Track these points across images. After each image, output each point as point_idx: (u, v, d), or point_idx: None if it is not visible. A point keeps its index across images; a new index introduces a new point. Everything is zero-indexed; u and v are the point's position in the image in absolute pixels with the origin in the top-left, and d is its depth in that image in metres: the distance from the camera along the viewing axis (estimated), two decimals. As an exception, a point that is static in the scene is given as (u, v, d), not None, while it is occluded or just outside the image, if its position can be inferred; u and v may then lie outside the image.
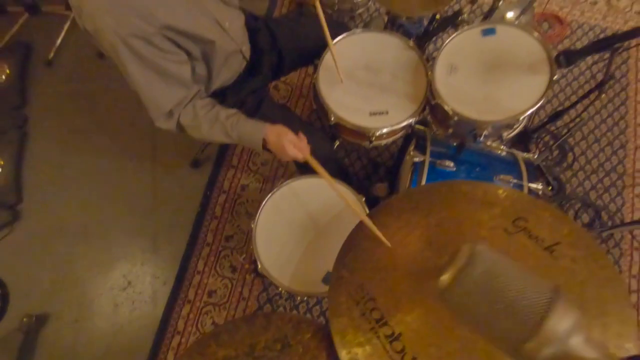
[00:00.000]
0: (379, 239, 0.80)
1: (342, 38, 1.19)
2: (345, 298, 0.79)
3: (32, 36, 1.95)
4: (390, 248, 0.81)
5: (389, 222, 0.89)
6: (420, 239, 0.82)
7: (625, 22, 1.98)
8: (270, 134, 0.93)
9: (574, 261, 0.69)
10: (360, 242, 0.88)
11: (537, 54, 1.00)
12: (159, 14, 0.77)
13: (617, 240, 1.65)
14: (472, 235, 0.78)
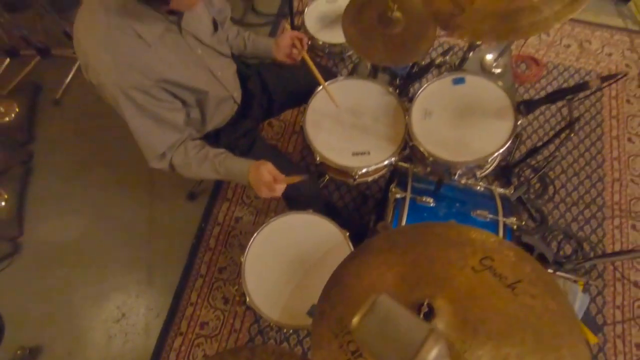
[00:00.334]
0: None
1: (328, 84, 1.29)
2: (326, 331, 0.84)
3: (42, 77, 2.08)
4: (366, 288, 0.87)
5: (370, 260, 0.95)
6: (396, 277, 0.88)
7: (597, 63, 2.12)
8: (252, 166, 0.99)
9: (533, 297, 0.75)
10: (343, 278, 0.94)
11: (502, 101, 1.10)
12: (157, 68, 0.87)
13: (599, 271, 1.70)
14: (442, 274, 0.83)
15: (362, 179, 1.25)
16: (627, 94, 2.05)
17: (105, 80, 0.81)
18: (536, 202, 1.83)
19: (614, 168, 1.89)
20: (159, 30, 0.85)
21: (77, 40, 0.82)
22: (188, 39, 0.93)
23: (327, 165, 1.22)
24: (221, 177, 1.04)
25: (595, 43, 2.17)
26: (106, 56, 0.79)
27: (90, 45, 0.80)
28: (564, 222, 1.79)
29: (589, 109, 2.01)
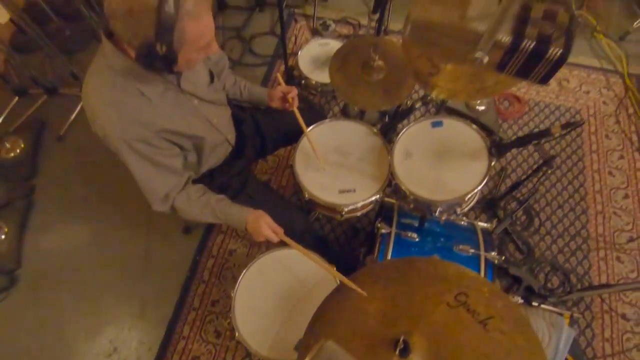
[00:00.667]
0: (356, 291, 0.90)
1: (317, 125, 1.38)
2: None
3: (47, 114, 2.18)
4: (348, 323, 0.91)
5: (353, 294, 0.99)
6: (377, 311, 0.92)
7: (576, 100, 2.23)
8: (250, 216, 1.07)
9: (502, 334, 0.80)
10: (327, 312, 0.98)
11: (477, 143, 1.18)
12: (157, 121, 0.95)
13: (587, 304, 1.72)
14: (420, 309, 0.88)
15: (349, 215, 1.30)
16: (606, 129, 2.15)
17: (110, 133, 0.89)
18: (522, 234, 1.88)
19: (597, 201, 1.95)
20: (160, 88, 0.94)
21: (86, 97, 0.91)
22: (186, 93, 1.02)
23: (315, 202, 1.28)
24: (220, 221, 1.12)
25: (573, 82, 2.29)
26: (111, 112, 0.88)
27: (98, 103, 0.89)
28: (550, 254, 1.84)
29: (570, 143, 2.10)
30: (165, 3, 0.72)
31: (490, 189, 1.98)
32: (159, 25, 0.73)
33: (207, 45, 0.87)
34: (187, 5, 0.75)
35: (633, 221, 1.90)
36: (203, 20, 0.80)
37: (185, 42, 0.80)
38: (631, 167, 2.04)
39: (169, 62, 0.80)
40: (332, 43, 2.11)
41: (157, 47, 0.76)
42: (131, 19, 0.75)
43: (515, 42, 0.51)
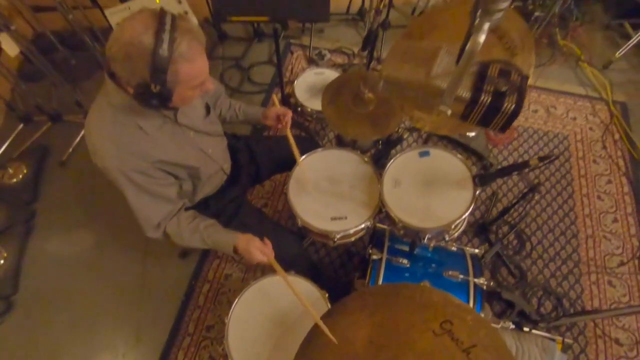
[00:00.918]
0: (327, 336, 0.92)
1: (310, 154, 1.43)
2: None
3: (51, 140, 2.24)
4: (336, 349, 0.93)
5: (341, 320, 1.02)
6: (364, 338, 0.95)
7: (564, 126, 2.30)
8: (240, 241, 1.11)
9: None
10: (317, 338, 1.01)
11: (462, 172, 1.23)
12: (154, 152, 1.00)
13: (581, 329, 1.73)
14: (406, 337, 0.91)
15: (341, 241, 1.34)
16: (593, 154, 2.21)
17: (109, 165, 0.94)
18: (514, 258, 1.90)
19: (587, 225, 1.99)
20: (157, 122, 1.00)
21: (88, 132, 0.96)
22: (183, 126, 1.08)
23: (308, 229, 1.32)
24: (209, 247, 1.16)
25: (560, 108, 2.37)
26: (110, 146, 0.93)
27: (98, 137, 0.94)
28: (542, 278, 1.86)
29: (558, 168, 2.16)
30: (159, 47, 0.78)
31: (482, 213, 2.03)
32: (153, 67, 0.80)
33: (201, 84, 0.93)
34: (180, 49, 0.82)
35: (623, 245, 1.93)
36: (196, 62, 0.86)
37: (179, 82, 0.86)
38: (619, 192, 2.09)
39: (164, 100, 0.87)
40: (327, 72, 2.19)
41: (152, 86, 0.82)
42: (129, 61, 0.81)
43: (474, 97, 0.56)
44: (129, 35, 0.80)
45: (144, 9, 0.83)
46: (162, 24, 0.80)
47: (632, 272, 1.86)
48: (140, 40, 0.79)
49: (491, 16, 0.48)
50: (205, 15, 2.63)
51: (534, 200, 2.05)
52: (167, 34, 0.79)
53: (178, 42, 0.81)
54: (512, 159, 2.19)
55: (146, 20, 0.81)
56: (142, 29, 0.79)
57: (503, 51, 0.98)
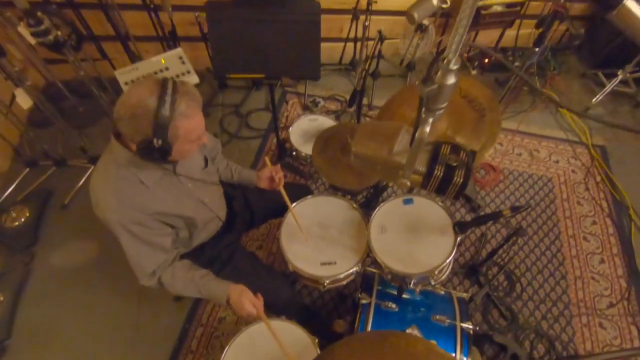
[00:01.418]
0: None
1: (301, 201, 1.51)
2: None
3: (54, 183, 2.33)
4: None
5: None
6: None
7: (547, 169, 2.40)
8: (233, 292, 1.16)
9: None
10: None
11: (444, 219, 1.30)
12: (153, 205, 1.08)
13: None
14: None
15: (331, 285, 1.38)
16: (577, 196, 2.29)
17: (109, 217, 1.02)
18: (505, 300, 1.92)
19: (575, 266, 2.03)
20: (157, 175, 1.08)
21: (92, 187, 1.05)
22: (181, 177, 1.16)
23: (298, 274, 1.37)
24: (202, 296, 1.21)
25: (543, 152, 2.49)
26: (113, 200, 1.01)
27: (102, 191, 1.03)
28: (534, 321, 1.87)
29: (544, 209, 2.23)
30: (162, 107, 0.89)
31: (472, 254, 2.07)
32: (156, 124, 0.91)
33: (199, 138, 1.04)
34: (180, 108, 0.93)
35: (611, 286, 1.97)
36: (194, 118, 0.97)
37: (178, 137, 0.96)
38: (604, 233, 2.15)
39: (165, 154, 0.96)
40: (320, 118, 2.33)
41: (154, 141, 0.92)
42: (134, 120, 0.92)
43: (429, 171, 0.65)
44: (135, 99, 0.91)
45: (148, 77, 0.95)
46: (164, 88, 0.92)
47: (622, 314, 1.88)
48: (146, 103, 0.90)
49: (434, 113, 0.58)
50: (207, 65, 2.82)
51: (521, 241, 2.11)
52: (169, 97, 0.91)
53: (178, 102, 0.93)
54: (499, 200, 2.27)
55: (151, 86, 0.92)
56: (147, 93, 0.91)
57: (473, 112, 1.09)
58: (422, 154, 0.65)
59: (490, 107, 1.06)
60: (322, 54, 1.57)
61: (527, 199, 2.28)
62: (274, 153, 2.46)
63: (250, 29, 1.51)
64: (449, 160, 0.63)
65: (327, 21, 2.69)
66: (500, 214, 1.17)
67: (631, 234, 2.14)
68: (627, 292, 1.94)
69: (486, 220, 1.21)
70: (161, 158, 0.98)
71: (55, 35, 1.58)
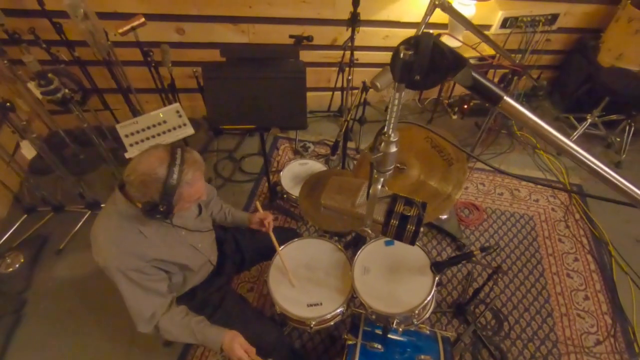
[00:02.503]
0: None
1: (289, 244, 1.58)
2: None
3: (51, 228, 2.38)
4: None
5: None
6: None
7: (528, 207, 2.51)
8: (226, 338, 1.21)
9: None
10: None
11: (422, 260, 1.38)
12: (150, 253, 1.15)
13: (566, 414, 1.71)
14: None
15: (318, 326, 1.42)
16: (558, 233, 2.38)
17: (109, 264, 1.09)
18: (494, 340, 1.94)
19: (560, 303, 2.07)
20: (155, 226, 1.17)
21: (94, 235, 1.12)
22: (176, 227, 1.24)
23: (286, 316, 1.41)
24: (197, 342, 1.24)
25: (523, 191, 2.61)
26: (113, 248, 1.09)
27: (103, 240, 1.10)
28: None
29: (527, 247, 2.31)
30: (170, 178, 0.99)
31: (459, 293, 2.11)
32: (163, 192, 1.00)
33: (198, 198, 1.14)
34: (186, 178, 1.03)
35: (597, 323, 2.00)
36: (197, 185, 1.08)
37: (181, 200, 1.07)
38: (586, 269, 2.21)
39: (167, 214, 1.06)
40: (310, 162, 2.46)
41: (159, 206, 1.01)
42: (143, 187, 1.01)
43: (386, 220, 0.75)
44: (146, 167, 1.01)
45: (158, 145, 1.06)
46: (173, 158, 1.02)
47: (609, 351, 1.90)
48: (155, 172, 1.00)
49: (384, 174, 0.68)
50: (204, 114, 2.99)
51: (507, 279, 2.16)
52: (177, 167, 1.01)
53: (185, 173, 1.03)
54: (483, 239, 2.35)
55: (161, 155, 1.03)
56: (157, 162, 1.01)
57: (442, 161, 1.20)
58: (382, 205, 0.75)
59: (457, 157, 1.17)
60: (312, 102, 1.72)
61: (510, 237, 2.35)
62: (265, 196, 2.56)
63: (242, 86, 1.66)
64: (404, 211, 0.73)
65: (316, 73, 2.92)
66: (472, 254, 1.24)
67: (612, 270, 2.21)
68: (613, 328, 1.97)
69: (459, 260, 1.29)
70: (163, 217, 1.07)
71: (64, 93, 1.72)
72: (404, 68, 0.54)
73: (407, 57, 0.53)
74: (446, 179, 1.18)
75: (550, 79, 3.30)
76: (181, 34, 2.57)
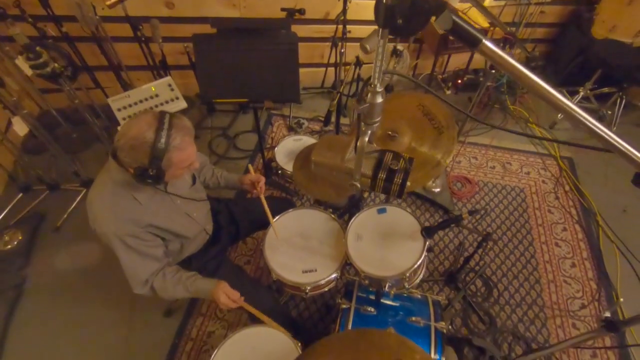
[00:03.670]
0: None
1: (283, 214, 1.61)
2: None
3: (47, 207, 2.39)
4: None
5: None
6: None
7: (519, 180, 2.55)
8: (214, 287, 1.27)
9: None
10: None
11: (414, 226, 1.41)
12: (146, 219, 1.17)
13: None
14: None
15: (312, 292, 1.47)
16: (548, 205, 2.43)
17: (106, 230, 1.11)
18: (484, 305, 2.01)
19: (547, 270, 2.14)
20: (150, 193, 1.19)
21: (90, 203, 1.14)
22: (171, 194, 1.27)
23: (282, 282, 1.45)
24: (191, 295, 1.29)
25: (515, 164, 2.64)
26: (109, 215, 1.11)
27: (99, 207, 1.12)
28: (511, 324, 1.96)
29: (517, 218, 2.36)
30: (158, 141, 1.00)
31: (451, 263, 2.17)
32: (152, 157, 1.01)
33: (190, 165, 1.15)
34: (175, 142, 1.04)
35: (582, 288, 2.07)
36: (186, 150, 1.09)
37: (172, 165, 1.08)
38: (574, 238, 2.27)
39: (158, 179, 1.07)
40: (304, 138, 2.46)
41: (149, 170, 1.02)
42: (133, 151, 1.03)
43: (374, 174, 0.77)
44: (135, 131, 1.02)
45: (148, 111, 1.06)
46: (162, 123, 1.03)
47: (593, 315, 1.98)
48: (144, 136, 1.02)
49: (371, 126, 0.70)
50: (196, 91, 2.96)
51: (497, 249, 2.22)
52: (165, 132, 1.02)
53: (173, 137, 1.05)
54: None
55: (149, 120, 1.04)
56: (145, 127, 1.02)
57: (432, 129, 1.22)
58: (370, 160, 0.78)
59: (448, 125, 1.19)
60: (305, 78, 1.72)
61: (501, 209, 2.40)
62: (260, 172, 2.56)
63: (234, 58, 1.65)
64: (392, 165, 0.75)
65: (309, 48, 2.89)
66: (460, 217, 1.28)
67: (599, 238, 2.27)
68: (597, 293, 2.05)
69: (449, 223, 1.32)
70: (154, 182, 1.09)
71: (53, 67, 1.71)
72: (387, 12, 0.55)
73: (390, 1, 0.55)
74: (436, 146, 1.20)
75: (544, 53, 3.29)
76: (171, 7, 2.53)
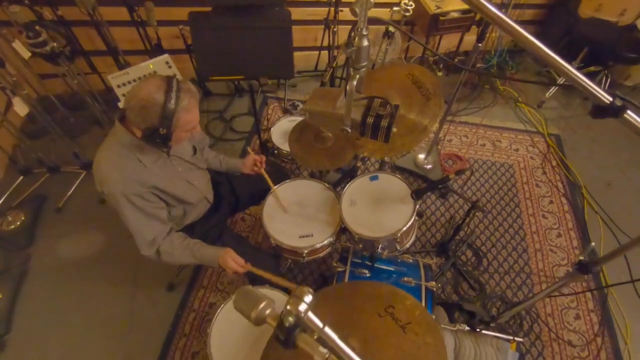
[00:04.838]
0: None
1: (282, 184, 1.68)
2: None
3: (48, 189, 2.44)
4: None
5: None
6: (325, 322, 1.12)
7: (508, 157, 2.63)
8: (220, 253, 1.34)
9: (417, 334, 1.03)
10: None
11: (404, 191, 1.49)
12: (150, 180, 1.24)
13: (537, 333, 1.90)
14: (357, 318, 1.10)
15: (310, 257, 1.54)
16: (536, 179, 2.52)
17: (114, 190, 1.17)
18: (474, 274, 2.11)
19: (535, 240, 2.24)
20: (154, 157, 1.25)
21: (97, 164, 1.20)
22: (174, 160, 1.33)
23: (280, 247, 1.53)
24: (197, 261, 1.37)
25: (504, 142, 2.72)
26: (117, 175, 1.17)
27: (106, 167, 1.18)
28: (500, 290, 2.05)
29: (507, 192, 2.45)
30: (168, 102, 1.07)
31: (442, 234, 2.26)
32: (162, 117, 1.08)
33: (194, 128, 1.22)
34: (183, 103, 1.11)
35: (567, 256, 2.17)
36: (192, 112, 1.16)
37: (179, 126, 1.14)
38: (560, 210, 2.37)
39: (165, 139, 1.14)
40: (299, 119, 2.51)
41: (159, 130, 1.09)
42: (143, 111, 1.09)
43: (363, 119, 0.84)
44: (146, 92, 1.08)
45: (156, 75, 1.12)
46: (170, 86, 1.09)
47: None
48: (154, 97, 1.08)
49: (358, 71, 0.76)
50: (192, 76, 3.00)
51: (487, 221, 2.31)
52: (174, 93, 1.08)
53: (182, 98, 1.11)
54: (466, 187, 2.48)
55: (159, 83, 1.10)
56: (155, 89, 1.08)
57: (420, 96, 1.29)
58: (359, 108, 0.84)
59: (435, 92, 1.26)
60: (299, 62, 1.77)
61: (491, 184, 2.49)
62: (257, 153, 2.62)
63: (230, 36, 1.70)
64: (379, 111, 0.82)
65: (302, 31, 2.94)
66: (447, 178, 1.36)
67: (584, 210, 2.37)
68: (582, 260, 2.14)
69: (437, 184, 1.40)
70: (162, 143, 1.15)
71: (52, 46, 1.74)
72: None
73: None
74: (423, 113, 1.27)
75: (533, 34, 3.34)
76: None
